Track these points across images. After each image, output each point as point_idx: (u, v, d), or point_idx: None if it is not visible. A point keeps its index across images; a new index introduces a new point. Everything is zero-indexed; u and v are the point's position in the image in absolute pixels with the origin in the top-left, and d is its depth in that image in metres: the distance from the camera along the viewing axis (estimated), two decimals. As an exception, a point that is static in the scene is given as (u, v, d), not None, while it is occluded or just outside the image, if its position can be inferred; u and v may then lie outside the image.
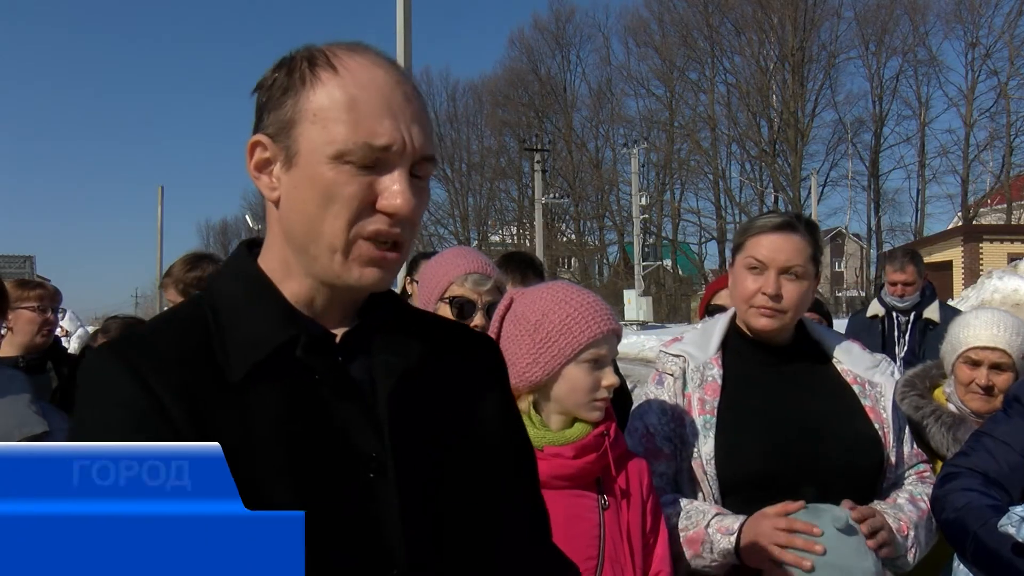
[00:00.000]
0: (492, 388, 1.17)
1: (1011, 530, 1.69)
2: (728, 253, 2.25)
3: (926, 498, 2.00)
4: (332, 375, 1.01)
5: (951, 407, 2.55)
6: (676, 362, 2.03)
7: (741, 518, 1.83)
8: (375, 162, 0.97)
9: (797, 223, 2.00)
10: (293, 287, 1.04)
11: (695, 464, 1.92)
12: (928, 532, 1.98)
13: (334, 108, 0.97)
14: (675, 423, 1.97)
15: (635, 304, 34.05)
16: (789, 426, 1.92)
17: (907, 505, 1.96)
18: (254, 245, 1.10)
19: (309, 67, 0.99)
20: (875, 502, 1.95)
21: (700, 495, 1.93)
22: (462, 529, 1.04)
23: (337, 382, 1.01)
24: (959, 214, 41.99)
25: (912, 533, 1.91)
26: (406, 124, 0.98)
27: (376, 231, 0.98)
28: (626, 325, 30.40)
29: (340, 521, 0.97)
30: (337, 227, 0.98)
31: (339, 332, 1.05)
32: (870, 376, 2.04)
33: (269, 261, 1.06)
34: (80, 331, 8.23)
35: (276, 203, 1.03)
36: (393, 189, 0.97)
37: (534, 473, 1.24)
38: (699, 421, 1.94)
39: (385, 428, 1.01)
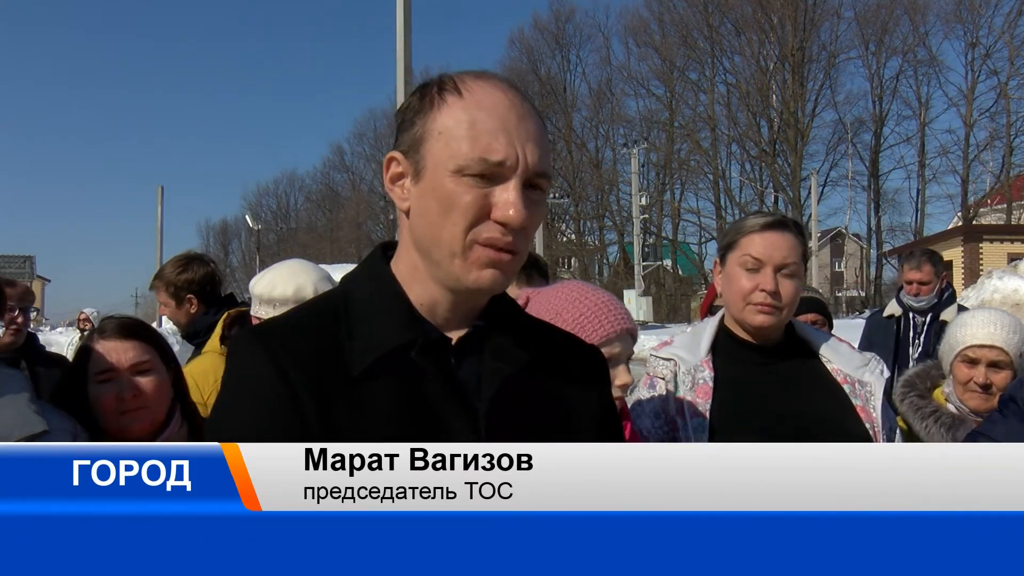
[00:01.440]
0: (592, 397, 1.25)
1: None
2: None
3: None
4: (441, 377, 1.11)
5: (950, 407, 2.55)
6: (667, 366, 2.03)
7: None
8: (492, 176, 1.06)
9: (788, 221, 2.01)
10: (419, 291, 1.14)
11: None
12: None
13: (457, 127, 1.07)
14: (668, 427, 1.96)
15: (635, 304, 33.98)
16: (784, 426, 1.91)
17: None
18: (389, 248, 1.21)
19: (439, 92, 1.10)
20: None
21: None
22: None
23: (445, 384, 1.11)
24: (959, 214, 41.95)
25: None
26: (520, 142, 1.07)
27: (490, 238, 1.07)
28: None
29: None
30: (455, 233, 1.07)
31: (455, 336, 1.14)
32: (860, 375, 2.02)
33: (399, 266, 1.17)
34: None
35: (407, 213, 1.13)
36: (506, 200, 1.06)
37: None
38: (691, 424, 1.93)
39: (483, 429, 1.09)
